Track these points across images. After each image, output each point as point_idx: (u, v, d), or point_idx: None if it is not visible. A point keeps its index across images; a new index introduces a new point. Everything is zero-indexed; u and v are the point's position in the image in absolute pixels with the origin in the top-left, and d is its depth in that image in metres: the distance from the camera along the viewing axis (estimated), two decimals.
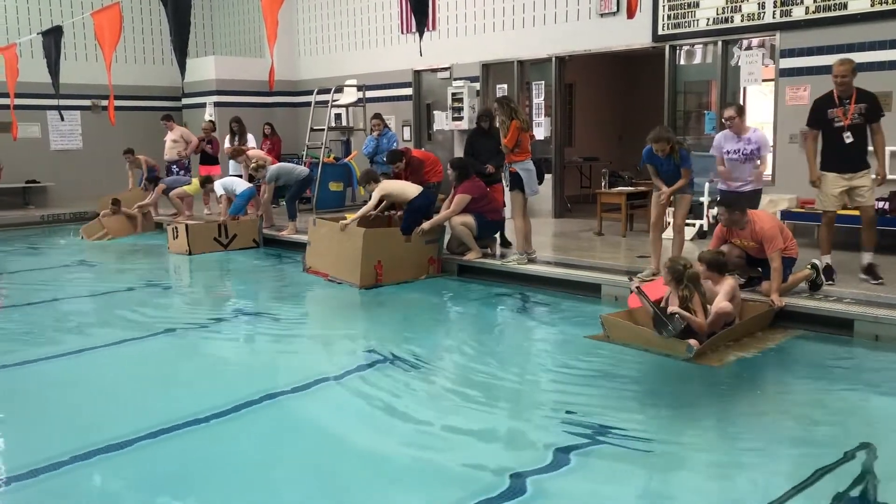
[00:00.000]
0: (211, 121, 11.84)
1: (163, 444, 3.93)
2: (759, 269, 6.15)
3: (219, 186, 10.39)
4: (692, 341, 5.12)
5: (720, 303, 5.43)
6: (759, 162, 6.71)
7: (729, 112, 6.71)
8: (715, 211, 7.34)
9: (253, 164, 10.23)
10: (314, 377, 4.94)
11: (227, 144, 11.50)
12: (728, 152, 6.70)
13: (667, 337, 5.13)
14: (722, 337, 5.32)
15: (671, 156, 6.60)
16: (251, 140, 11.65)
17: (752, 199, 6.68)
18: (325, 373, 5.04)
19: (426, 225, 7.92)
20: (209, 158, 11.84)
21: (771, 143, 6.73)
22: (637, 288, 5.64)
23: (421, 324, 6.54)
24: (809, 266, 6.12)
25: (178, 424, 4.13)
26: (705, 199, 8.87)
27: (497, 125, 7.74)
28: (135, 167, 12.64)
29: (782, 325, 5.82)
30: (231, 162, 11.37)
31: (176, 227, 10.01)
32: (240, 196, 10.28)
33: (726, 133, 6.77)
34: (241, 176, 10.97)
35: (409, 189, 8.13)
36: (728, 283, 5.57)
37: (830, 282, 6.26)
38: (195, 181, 11.80)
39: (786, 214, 8.16)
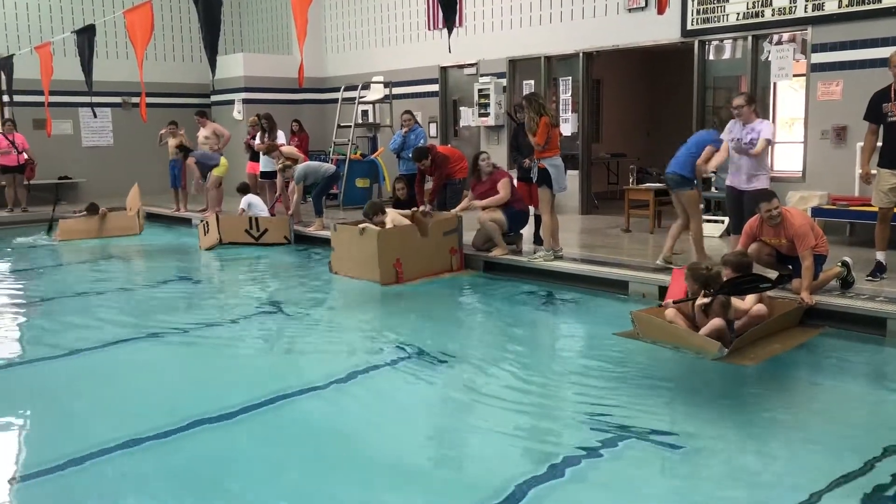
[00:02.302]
0: (257, 115, 11.87)
1: (189, 439, 3.99)
2: (790, 266, 6.09)
3: (244, 201, 10.44)
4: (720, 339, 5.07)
5: (753, 305, 5.38)
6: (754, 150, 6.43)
7: (737, 101, 6.52)
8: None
9: (279, 165, 10.33)
10: (339, 374, 4.96)
11: (257, 141, 11.58)
12: (733, 140, 6.57)
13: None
14: (750, 335, 5.27)
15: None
16: (280, 136, 11.72)
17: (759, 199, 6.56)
18: (349, 369, 5.06)
19: (481, 203, 8.00)
20: (257, 155, 11.85)
21: (771, 133, 6.43)
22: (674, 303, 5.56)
23: (446, 320, 6.56)
24: (840, 264, 6.04)
25: (204, 419, 4.19)
26: None
27: (525, 121, 7.74)
28: (170, 137, 12.59)
29: (814, 324, 5.76)
30: (263, 157, 11.44)
31: (207, 222, 10.13)
32: None
33: (735, 122, 6.60)
34: (274, 173, 11.01)
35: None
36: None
37: (880, 278, 6.20)
38: (224, 161, 11.85)
39: (816, 211, 8.05)
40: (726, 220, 8.70)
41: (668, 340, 5.32)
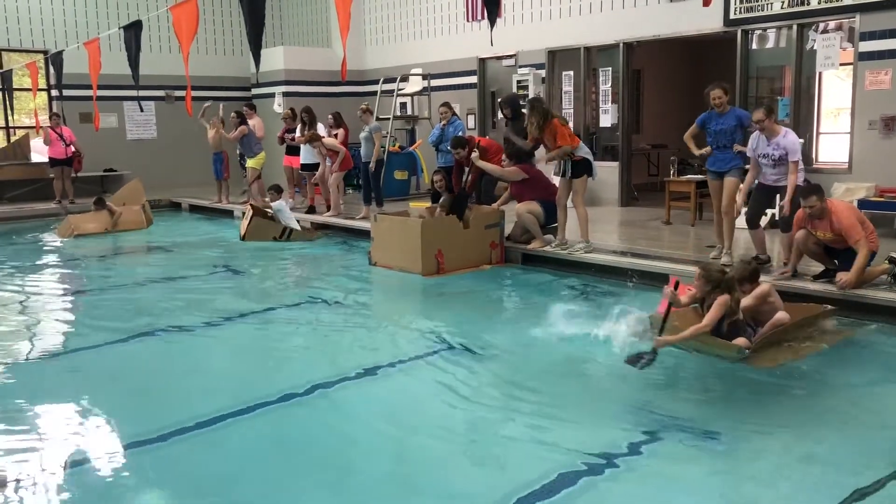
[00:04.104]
0: (291, 109, 12.00)
1: (234, 426, 4.08)
2: (836, 261, 5.99)
3: (275, 207, 10.28)
4: (740, 340, 4.90)
5: (778, 310, 5.22)
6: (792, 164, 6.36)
7: (757, 115, 6.43)
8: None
9: (362, 107, 10.81)
10: (377, 363, 5.03)
11: (297, 134, 11.71)
12: (759, 156, 6.54)
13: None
14: (772, 336, 5.06)
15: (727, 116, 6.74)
16: (320, 128, 11.83)
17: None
18: (387, 359, 5.12)
19: (497, 204, 8.32)
20: (293, 149, 11.97)
21: (799, 148, 6.42)
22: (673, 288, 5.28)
23: (484, 312, 6.55)
24: (887, 260, 5.93)
25: (246, 408, 4.27)
26: None
27: (527, 125, 7.76)
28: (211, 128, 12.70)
29: (857, 319, 5.66)
30: (303, 149, 11.56)
31: (244, 213, 10.31)
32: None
33: (759, 136, 6.53)
34: (318, 165, 11.12)
35: None
36: (759, 289, 5.23)
37: None
38: (263, 154, 11.99)
39: (862, 204, 7.89)
40: (769, 211, 8.56)
41: (685, 344, 5.10)
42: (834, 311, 5.61)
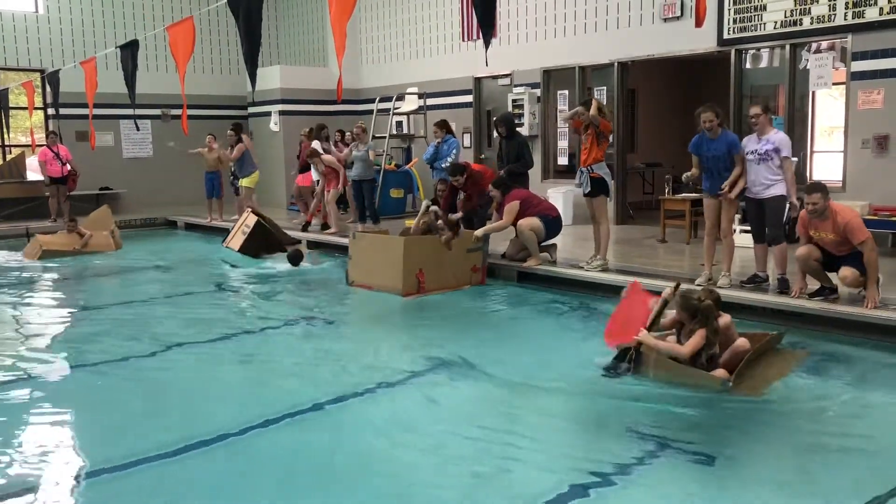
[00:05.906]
0: (311, 128, 12.05)
1: (224, 450, 4.03)
2: (835, 284, 5.99)
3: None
4: (720, 372, 4.86)
5: (735, 340, 5.15)
6: (777, 164, 6.39)
7: (754, 109, 6.49)
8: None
9: (359, 126, 10.79)
10: (365, 385, 4.95)
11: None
12: (748, 153, 6.54)
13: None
14: (744, 367, 4.94)
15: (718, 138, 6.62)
16: (316, 145, 11.87)
17: (776, 206, 6.47)
18: (377, 380, 5.06)
19: (479, 232, 8.04)
20: (307, 166, 12.00)
21: (790, 145, 6.47)
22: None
23: (476, 331, 6.50)
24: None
25: (232, 432, 4.20)
26: None
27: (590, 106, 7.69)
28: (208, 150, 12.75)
29: (836, 335, 5.69)
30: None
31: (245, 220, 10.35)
32: None
33: (751, 136, 6.57)
34: (318, 182, 11.13)
35: None
36: (721, 320, 5.08)
37: None
38: (255, 174, 11.99)
39: None
40: None
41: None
42: (783, 334, 5.57)
